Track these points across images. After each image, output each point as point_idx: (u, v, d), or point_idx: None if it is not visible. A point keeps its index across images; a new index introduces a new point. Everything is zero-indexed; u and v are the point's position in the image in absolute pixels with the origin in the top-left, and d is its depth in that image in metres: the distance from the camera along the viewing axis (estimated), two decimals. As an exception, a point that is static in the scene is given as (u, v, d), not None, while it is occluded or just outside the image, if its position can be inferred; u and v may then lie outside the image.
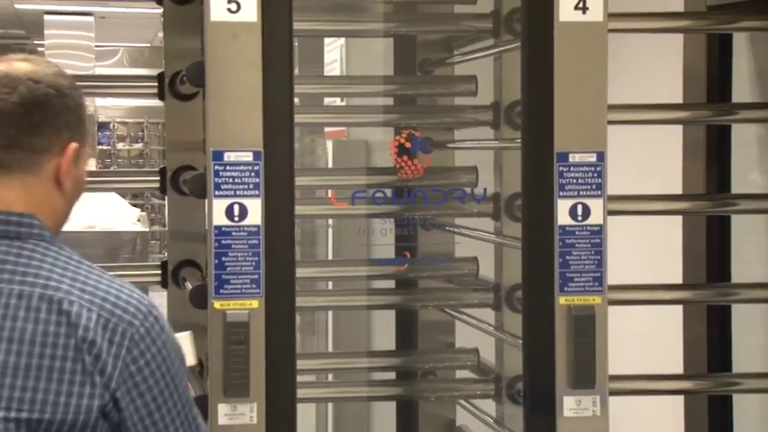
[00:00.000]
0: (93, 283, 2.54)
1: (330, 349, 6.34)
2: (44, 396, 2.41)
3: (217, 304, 3.16)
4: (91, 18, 14.34)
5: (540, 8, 3.26)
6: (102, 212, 7.97)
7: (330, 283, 4.79)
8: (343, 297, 4.35)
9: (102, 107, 19.97)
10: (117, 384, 2.47)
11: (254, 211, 3.17)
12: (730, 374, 4.26)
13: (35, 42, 17.73)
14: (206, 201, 3.21)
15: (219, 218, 3.16)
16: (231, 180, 3.17)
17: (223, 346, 3.15)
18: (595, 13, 3.26)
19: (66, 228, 4.24)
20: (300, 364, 3.36)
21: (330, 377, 4.84)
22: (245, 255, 3.17)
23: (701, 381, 4.24)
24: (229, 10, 3.14)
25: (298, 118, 3.31)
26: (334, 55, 6.76)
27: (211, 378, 3.17)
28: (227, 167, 3.16)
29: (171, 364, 2.59)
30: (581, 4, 3.25)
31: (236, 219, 3.16)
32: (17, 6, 14.81)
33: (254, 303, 3.17)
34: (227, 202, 3.17)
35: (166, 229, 4.06)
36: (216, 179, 3.16)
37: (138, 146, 21.97)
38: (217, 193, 3.17)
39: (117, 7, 13.75)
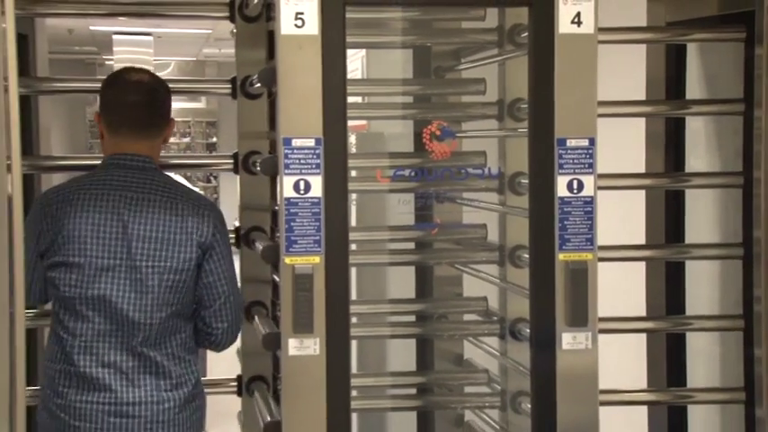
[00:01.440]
0: (187, 190, 3.68)
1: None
2: (166, 253, 3.51)
3: (287, 260, 3.17)
4: (150, 37, 14.40)
5: (544, 22, 3.26)
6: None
7: (353, 245, 4.80)
8: (378, 255, 4.37)
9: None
10: (208, 243, 3.55)
11: (316, 186, 3.17)
12: (684, 317, 4.29)
13: (104, 57, 17.76)
14: (277, 178, 3.22)
15: (289, 191, 3.17)
16: (298, 161, 3.17)
17: (292, 293, 3.17)
18: (588, 27, 3.27)
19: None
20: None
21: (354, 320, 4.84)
22: (309, 221, 3.17)
23: (662, 321, 4.28)
24: (296, 25, 3.14)
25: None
26: (355, 65, 6.75)
27: (283, 318, 3.18)
28: (295, 151, 3.16)
29: (227, 240, 3.68)
30: (576, 19, 3.25)
31: (302, 192, 3.17)
32: (91, 28, 14.88)
33: (317, 259, 3.18)
34: (295, 178, 3.17)
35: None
36: (286, 160, 3.16)
37: (186, 140, 22.26)
38: (286, 171, 3.17)
39: (180, 28, 13.77)
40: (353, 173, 4.46)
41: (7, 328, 3.18)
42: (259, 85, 3.64)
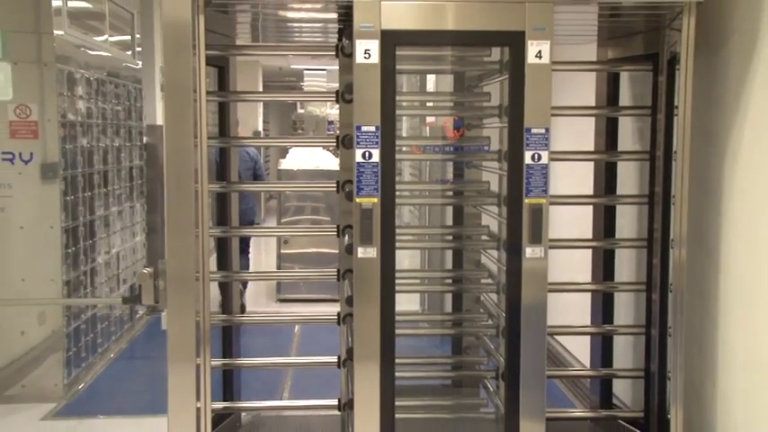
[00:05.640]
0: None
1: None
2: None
3: (358, 200, 3.09)
4: (325, 71, 14.38)
5: (519, 56, 3.10)
6: (321, 159, 8.00)
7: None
8: (420, 198, 4.26)
9: (330, 113, 20.28)
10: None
11: (376, 155, 3.07)
12: (614, 239, 4.15)
13: (300, 83, 17.86)
14: (353, 150, 3.11)
15: (359, 158, 3.08)
16: (365, 140, 3.07)
17: (360, 221, 3.09)
18: (546, 59, 3.09)
19: (303, 167, 4.21)
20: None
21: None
22: (371, 176, 3.08)
23: (600, 242, 4.16)
24: (365, 57, 3.04)
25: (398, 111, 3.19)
26: (431, 83, 6.63)
27: (355, 235, 3.10)
28: (363, 134, 3.06)
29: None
30: (539, 54, 3.08)
31: (367, 158, 3.07)
32: (292, 66, 15.01)
33: (375, 200, 3.09)
34: (363, 150, 3.07)
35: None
36: (357, 139, 3.07)
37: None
38: (358, 146, 3.07)
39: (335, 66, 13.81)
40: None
41: (193, 239, 3.16)
42: (347, 93, 3.53)
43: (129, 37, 6.98)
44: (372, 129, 3.08)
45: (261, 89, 15.13)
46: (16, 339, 5.31)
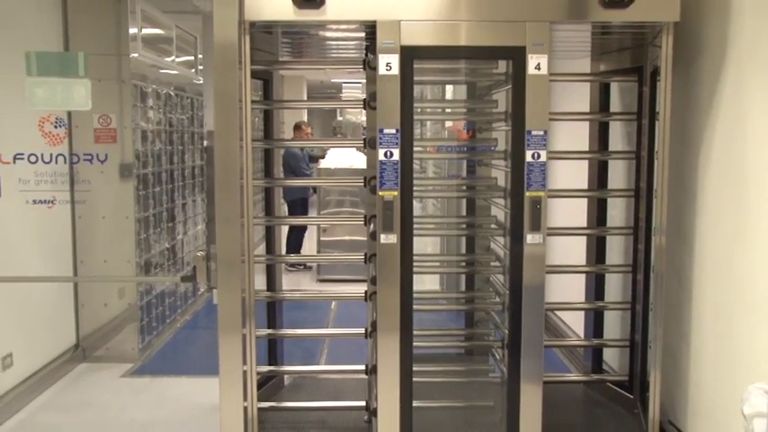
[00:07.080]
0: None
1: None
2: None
3: (380, 193, 3.05)
4: (361, 84, 14.25)
5: (520, 68, 3.03)
6: (355, 159, 7.91)
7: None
8: (436, 192, 4.17)
9: (365, 120, 19.98)
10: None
11: (396, 154, 3.03)
12: (606, 227, 4.03)
13: (339, 94, 17.77)
14: (377, 150, 3.07)
15: (382, 157, 3.04)
16: (387, 141, 3.03)
17: (382, 211, 3.05)
18: (544, 71, 3.02)
19: (340, 165, 4.14)
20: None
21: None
22: (392, 172, 3.04)
23: (593, 229, 4.05)
24: (387, 69, 3.00)
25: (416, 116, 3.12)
26: (449, 92, 6.53)
27: (378, 223, 3.06)
28: (385, 136, 3.01)
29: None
30: (538, 66, 3.01)
31: (389, 157, 3.02)
32: (331, 80, 14.94)
33: (395, 193, 3.04)
34: (385, 150, 3.03)
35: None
36: (380, 140, 3.02)
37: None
38: (380, 146, 3.04)
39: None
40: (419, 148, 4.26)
41: (239, 227, 3.14)
42: (372, 101, 3.48)
43: (192, 57, 7.00)
44: (393, 131, 3.03)
45: (305, 99, 15.11)
46: (101, 310, 5.40)
